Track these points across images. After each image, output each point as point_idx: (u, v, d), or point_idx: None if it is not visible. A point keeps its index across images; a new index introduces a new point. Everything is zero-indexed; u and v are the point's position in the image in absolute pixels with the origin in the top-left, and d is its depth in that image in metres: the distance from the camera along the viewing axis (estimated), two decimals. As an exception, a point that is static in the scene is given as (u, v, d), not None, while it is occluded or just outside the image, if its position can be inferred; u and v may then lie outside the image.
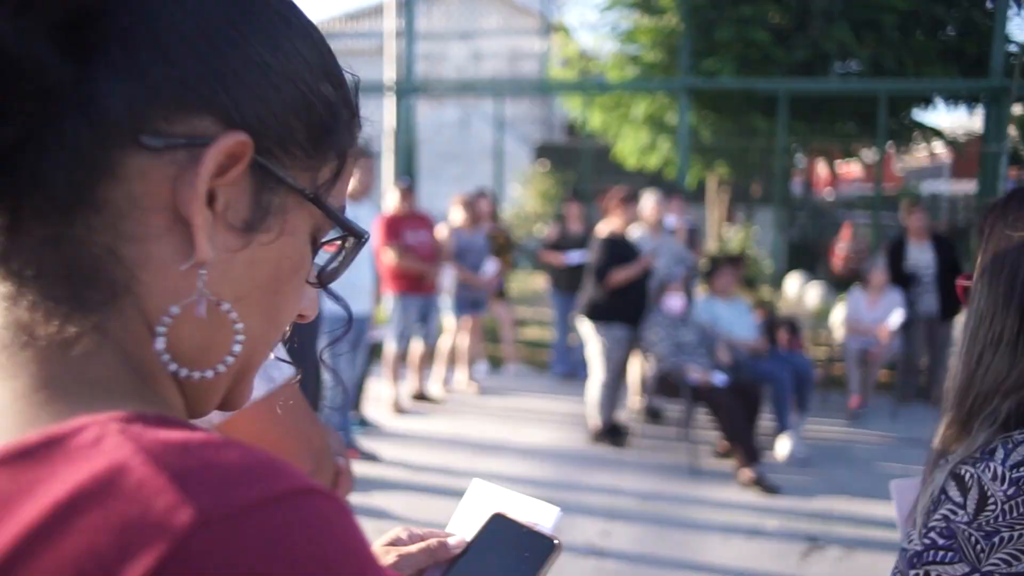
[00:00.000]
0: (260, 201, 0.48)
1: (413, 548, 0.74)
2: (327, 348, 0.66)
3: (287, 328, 0.57)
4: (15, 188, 0.43)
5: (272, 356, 1.30)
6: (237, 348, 0.50)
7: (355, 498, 4.41)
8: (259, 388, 1.24)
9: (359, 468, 4.93)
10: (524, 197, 15.00)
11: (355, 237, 0.56)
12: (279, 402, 1.28)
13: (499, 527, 0.76)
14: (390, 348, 6.18)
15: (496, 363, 7.95)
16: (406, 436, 5.72)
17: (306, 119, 0.50)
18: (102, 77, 0.43)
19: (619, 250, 5.44)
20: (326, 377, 4.72)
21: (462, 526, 0.79)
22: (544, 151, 16.03)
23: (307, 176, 0.51)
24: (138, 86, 0.43)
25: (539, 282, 10.78)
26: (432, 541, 0.75)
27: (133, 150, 0.43)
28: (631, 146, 9.26)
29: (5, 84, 0.39)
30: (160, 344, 0.46)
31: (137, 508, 0.34)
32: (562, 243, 7.23)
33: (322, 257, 0.58)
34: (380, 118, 10.47)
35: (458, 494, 0.80)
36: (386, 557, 0.73)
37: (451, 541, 0.76)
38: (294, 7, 0.52)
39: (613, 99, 8.94)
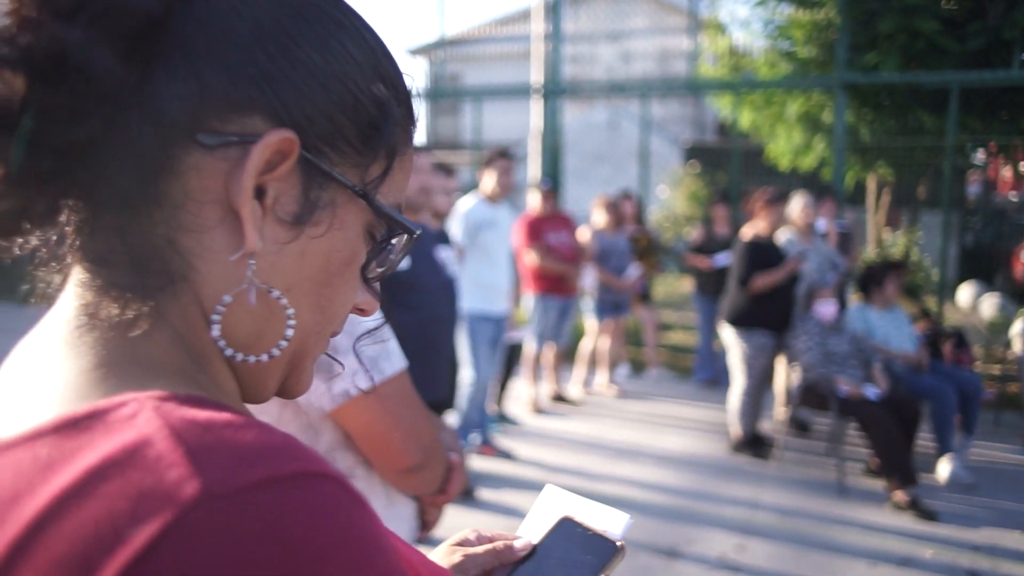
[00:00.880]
0: (309, 196, 0.51)
1: (479, 549, 0.75)
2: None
3: (342, 320, 0.58)
4: (90, 183, 0.47)
5: (385, 348, 1.34)
6: (290, 332, 0.53)
7: (488, 494, 4.52)
8: (367, 379, 1.28)
9: (494, 465, 5.03)
10: (673, 199, 14.73)
11: (407, 233, 0.57)
12: (388, 394, 1.32)
13: (566, 530, 0.77)
14: (530, 348, 6.24)
15: (638, 367, 7.86)
16: (543, 436, 5.76)
17: (355, 117, 0.52)
18: (163, 81, 0.47)
19: (762, 254, 5.22)
20: (465, 373, 4.85)
21: (532, 530, 0.79)
22: (694, 152, 15.67)
23: (357, 173, 0.53)
24: (195, 89, 0.47)
25: (686, 286, 10.56)
26: (499, 543, 0.76)
27: (190, 147, 0.47)
28: (784, 146, 8.86)
29: (75, 89, 0.44)
30: (216, 331, 0.50)
31: (152, 478, 0.37)
32: (707, 246, 7.04)
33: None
34: (527, 121, 10.60)
35: (590, 496, 0.81)
36: (452, 556, 0.74)
37: (517, 544, 0.76)
38: (349, 11, 0.54)
39: (764, 97, 8.60)
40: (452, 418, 4.86)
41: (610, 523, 0.77)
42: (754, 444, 5.35)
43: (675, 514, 4.29)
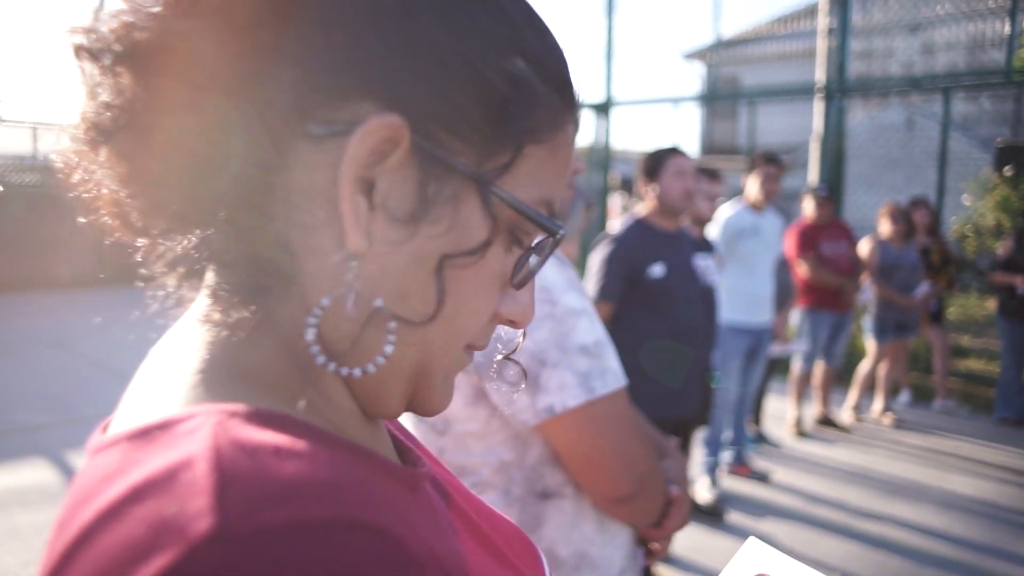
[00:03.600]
0: (426, 190, 0.45)
1: None
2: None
3: (478, 332, 0.51)
4: (211, 179, 0.44)
5: (600, 365, 1.25)
6: (388, 348, 0.46)
7: (738, 518, 4.28)
8: (574, 397, 1.19)
9: (748, 487, 4.76)
10: (979, 208, 12.97)
11: (548, 233, 0.49)
12: (597, 415, 1.21)
13: None
14: (796, 366, 5.82)
15: (922, 395, 7.02)
16: (805, 461, 5.34)
17: (481, 98, 0.45)
18: (274, 70, 0.43)
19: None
20: (719, 389, 4.62)
21: None
22: (1009, 154, 13.62)
23: (486, 162, 0.46)
24: (303, 76, 0.43)
25: (989, 307, 9.24)
26: None
27: (299, 139, 0.44)
28: None
29: (180, 80, 0.42)
30: (310, 336, 0.45)
31: (177, 506, 0.34)
32: (1017, 262, 6.09)
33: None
34: (811, 124, 9.92)
35: (853, 534, 0.71)
36: None
37: None
38: None
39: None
40: (702, 434, 4.67)
41: None
42: (1068, 499, 4.53)
43: (959, 568, 3.72)
